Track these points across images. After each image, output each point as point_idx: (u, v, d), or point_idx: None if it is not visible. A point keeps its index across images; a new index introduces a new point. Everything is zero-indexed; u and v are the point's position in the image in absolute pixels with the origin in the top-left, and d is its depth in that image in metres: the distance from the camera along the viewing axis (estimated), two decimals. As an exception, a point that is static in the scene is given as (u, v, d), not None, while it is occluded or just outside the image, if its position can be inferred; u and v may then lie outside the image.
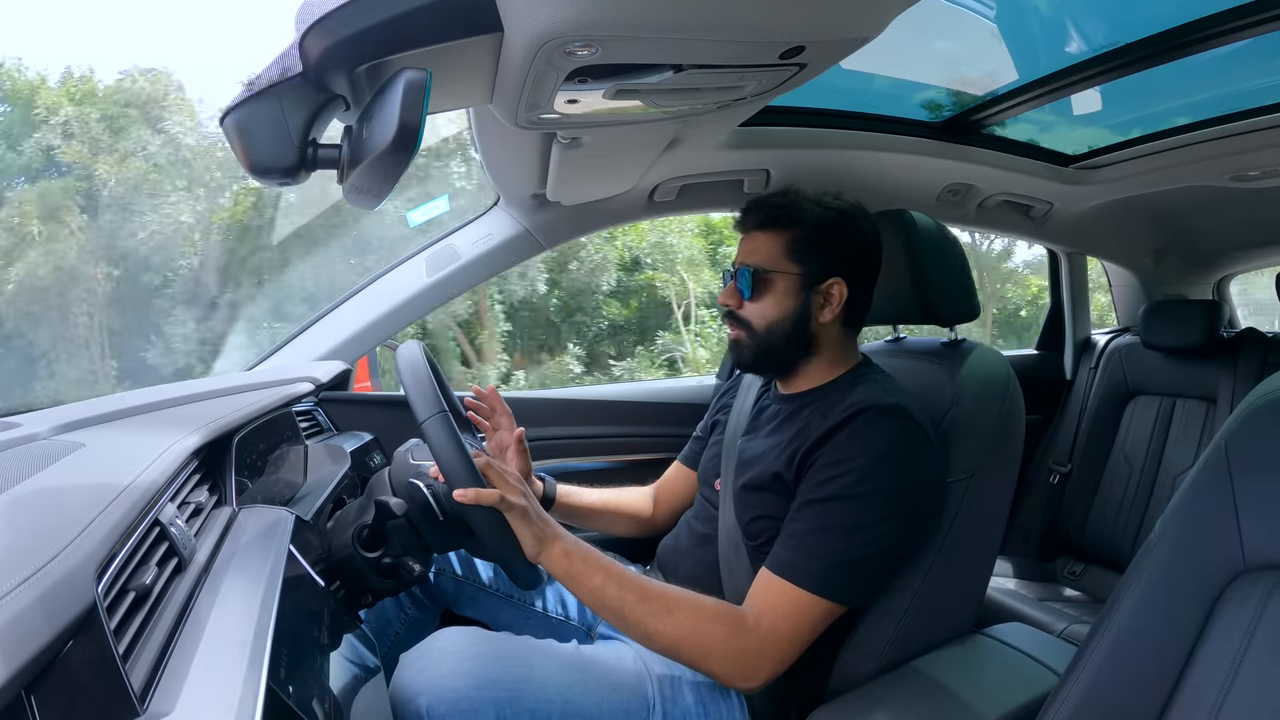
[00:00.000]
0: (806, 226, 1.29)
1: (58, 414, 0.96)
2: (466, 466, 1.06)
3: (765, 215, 1.32)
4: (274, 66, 0.79)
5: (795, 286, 1.29)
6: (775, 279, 1.29)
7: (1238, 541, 0.70)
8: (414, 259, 1.89)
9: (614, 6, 0.80)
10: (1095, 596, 2.40)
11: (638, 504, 1.70)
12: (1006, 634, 1.31)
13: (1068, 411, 2.79)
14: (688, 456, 1.69)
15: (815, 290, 1.30)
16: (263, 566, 0.76)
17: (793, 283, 1.29)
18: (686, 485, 1.65)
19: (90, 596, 0.50)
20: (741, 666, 1.10)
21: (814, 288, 1.30)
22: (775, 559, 1.15)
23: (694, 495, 1.56)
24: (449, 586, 1.51)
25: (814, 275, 1.29)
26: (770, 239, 1.30)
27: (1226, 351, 2.40)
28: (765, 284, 1.29)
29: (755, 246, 1.31)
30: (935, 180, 2.03)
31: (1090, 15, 1.53)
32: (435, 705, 1.04)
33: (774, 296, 1.29)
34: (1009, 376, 1.33)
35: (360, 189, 0.87)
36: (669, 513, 1.67)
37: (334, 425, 1.77)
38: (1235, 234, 2.67)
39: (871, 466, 1.13)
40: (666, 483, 1.71)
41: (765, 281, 1.29)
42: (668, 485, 1.71)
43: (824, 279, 1.29)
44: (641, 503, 1.70)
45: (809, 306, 1.30)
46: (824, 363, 1.34)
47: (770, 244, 1.30)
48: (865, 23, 0.94)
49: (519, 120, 1.13)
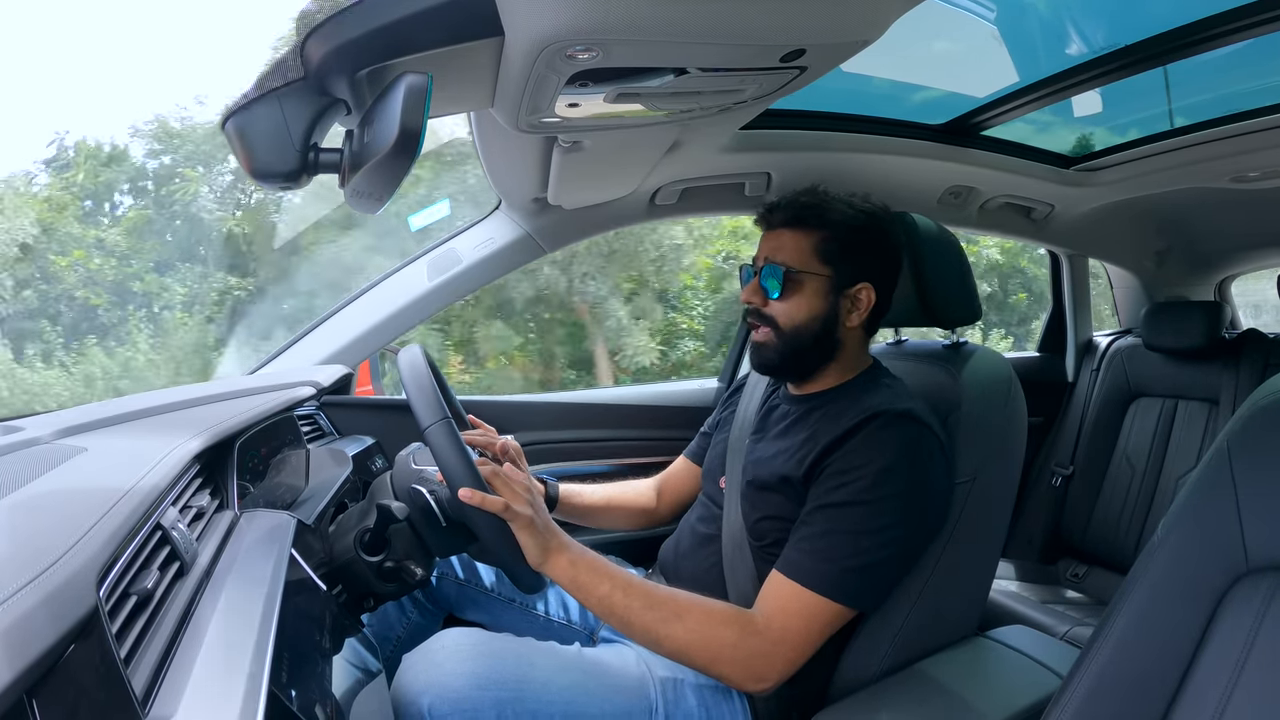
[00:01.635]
0: (837, 228, 1.28)
1: (60, 418, 0.96)
2: (471, 474, 1.05)
3: (794, 213, 1.30)
4: (275, 71, 0.79)
5: (825, 289, 1.28)
6: (805, 279, 1.28)
7: (1240, 543, 0.70)
8: (415, 263, 1.89)
9: (615, 10, 0.80)
10: (1098, 599, 2.40)
11: (641, 499, 1.69)
12: (1009, 636, 1.30)
13: (1070, 413, 2.79)
14: (694, 452, 1.68)
15: (844, 294, 1.29)
16: (264, 570, 0.76)
17: (822, 285, 1.28)
18: (691, 480, 1.65)
19: (92, 600, 0.50)
20: (752, 669, 1.10)
21: (843, 291, 1.29)
22: (787, 562, 1.15)
23: (698, 489, 1.56)
24: (451, 590, 1.51)
25: (844, 279, 1.29)
26: (799, 238, 1.29)
27: (1229, 353, 2.39)
28: (795, 284, 1.28)
29: (782, 244, 1.30)
30: (936, 183, 2.03)
31: (1090, 17, 1.53)
32: (437, 705, 1.04)
33: (803, 297, 1.28)
34: (1011, 379, 1.33)
35: (362, 193, 0.87)
36: (673, 506, 1.67)
37: (336, 429, 1.76)
38: (1237, 235, 2.67)
39: (884, 472, 1.13)
40: (672, 476, 1.71)
41: (795, 281, 1.28)
42: (673, 479, 1.70)
43: (854, 283, 1.29)
44: (645, 497, 1.70)
45: (837, 310, 1.29)
46: (840, 365, 1.33)
47: (799, 243, 1.29)
48: (866, 25, 0.94)
49: (520, 124, 1.13)
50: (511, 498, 1.07)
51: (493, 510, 1.04)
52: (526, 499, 1.10)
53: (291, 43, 0.79)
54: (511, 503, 1.06)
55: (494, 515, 1.05)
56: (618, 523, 1.67)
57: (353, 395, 1.93)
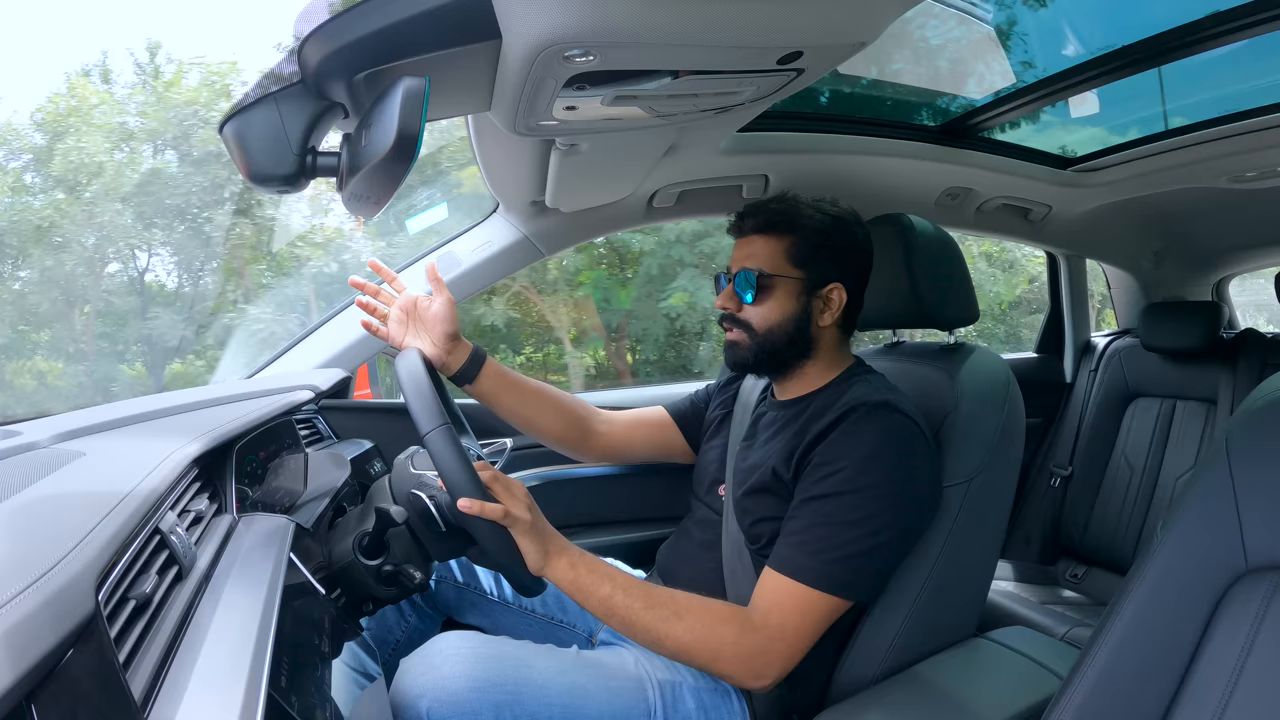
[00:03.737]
0: (806, 232, 1.30)
1: (58, 422, 0.96)
2: (472, 481, 1.05)
3: (764, 220, 1.32)
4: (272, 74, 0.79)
5: (797, 290, 1.30)
6: (777, 283, 1.30)
7: (1240, 542, 0.70)
8: (414, 266, 1.89)
9: (612, 13, 0.80)
10: (1097, 599, 2.40)
11: (580, 409, 1.61)
12: (1008, 638, 1.30)
13: (1068, 414, 2.79)
14: (677, 408, 1.67)
15: (816, 295, 1.31)
16: (263, 574, 0.76)
17: (794, 287, 1.30)
18: (655, 431, 1.65)
19: (90, 605, 0.50)
20: (751, 666, 1.10)
21: (814, 292, 1.31)
22: (777, 557, 1.15)
23: (658, 444, 1.61)
24: (450, 594, 1.51)
25: (815, 280, 1.30)
26: (770, 243, 1.31)
27: (1226, 353, 2.40)
28: (767, 288, 1.30)
29: (754, 251, 1.32)
30: (934, 184, 2.03)
31: (1087, 18, 1.54)
32: (436, 708, 1.04)
33: (775, 300, 1.30)
34: (1009, 379, 1.33)
35: (359, 197, 0.87)
36: (623, 448, 1.65)
37: (334, 433, 1.76)
38: (1234, 235, 2.67)
39: (865, 462, 1.14)
40: (639, 419, 1.67)
41: (767, 286, 1.30)
42: (638, 422, 1.67)
43: (825, 284, 1.31)
44: (584, 409, 1.62)
45: (809, 310, 1.31)
46: (820, 365, 1.34)
47: (770, 248, 1.30)
48: (862, 27, 0.94)
49: (517, 127, 1.13)
50: (511, 503, 1.07)
51: (492, 517, 1.05)
52: (526, 503, 1.10)
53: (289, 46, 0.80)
54: (511, 508, 1.06)
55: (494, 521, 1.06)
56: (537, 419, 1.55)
57: (351, 399, 1.93)
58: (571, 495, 1.97)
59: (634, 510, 2.03)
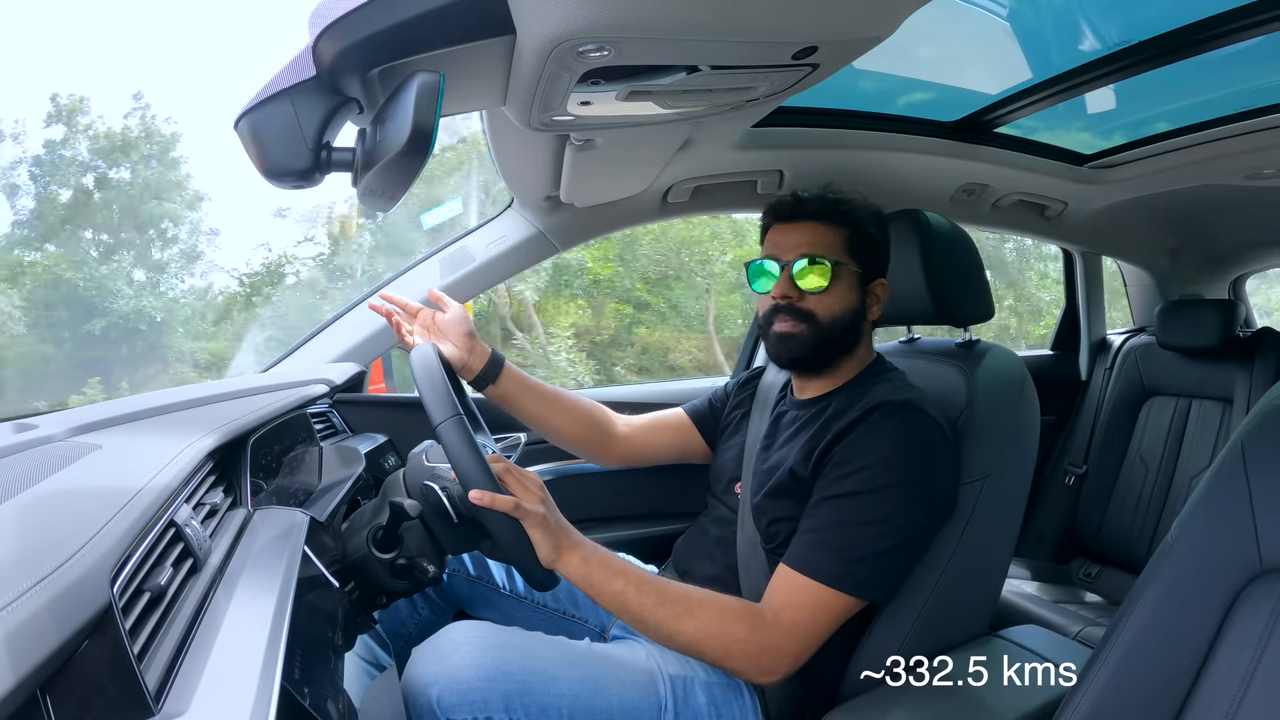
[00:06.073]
0: (861, 225, 1.30)
1: (74, 416, 0.97)
2: (483, 471, 1.06)
3: (822, 207, 1.30)
4: (287, 70, 0.79)
5: (856, 283, 1.30)
6: (843, 273, 1.28)
7: (1254, 543, 0.70)
8: (428, 261, 1.90)
9: (626, 8, 0.79)
10: (1111, 599, 2.38)
11: (599, 414, 1.62)
12: (1022, 636, 1.30)
13: (1083, 412, 2.78)
14: (695, 410, 1.66)
15: (868, 289, 1.32)
16: (277, 567, 0.77)
17: (855, 279, 1.30)
18: (675, 434, 1.64)
19: (105, 597, 0.50)
20: (760, 662, 1.10)
21: (867, 286, 1.32)
22: (793, 555, 1.15)
23: (677, 447, 1.61)
24: (462, 587, 1.51)
25: (868, 274, 1.32)
26: (830, 232, 1.29)
27: (1243, 352, 2.38)
28: (836, 276, 1.28)
29: (814, 238, 1.29)
30: (949, 180, 2.02)
31: (1104, 13, 1.52)
32: (446, 696, 1.04)
33: (839, 291, 1.28)
34: (1024, 377, 1.33)
35: (374, 192, 0.87)
36: (643, 451, 1.65)
37: (349, 427, 1.77)
38: (1251, 232, 2.65)
39: (886, 462, 1.13)
40: (659, 422, 1.67)
41: (836, 274, 1.28)
42: (658, 425, 1.67)
43: (873, 279, 1.32)
44: (603, 414, 1.63)
45: (864, 305, 1.32)
46: (852, 362, 1.34)
47: (831, 237, 1.29)
48: (878, 22, 0.93)
49: (532, 122, 1.13)
50: (523, 495, 1.08)
51: (504, 509, 1.05)
52: (539, 496, 1.10)
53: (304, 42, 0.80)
54: (523, 500, 1.07)
55: (506, 513, 1.06)
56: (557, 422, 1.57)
57: (365, 393, 1.94)
58: (586, 490, 1.98)
59: (648, 505, 2.03)
